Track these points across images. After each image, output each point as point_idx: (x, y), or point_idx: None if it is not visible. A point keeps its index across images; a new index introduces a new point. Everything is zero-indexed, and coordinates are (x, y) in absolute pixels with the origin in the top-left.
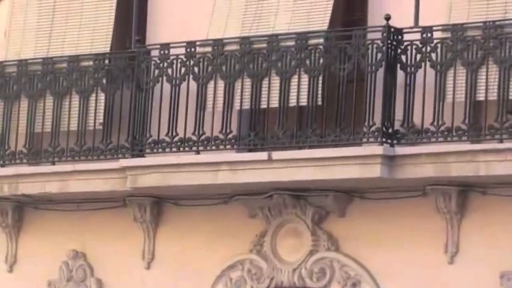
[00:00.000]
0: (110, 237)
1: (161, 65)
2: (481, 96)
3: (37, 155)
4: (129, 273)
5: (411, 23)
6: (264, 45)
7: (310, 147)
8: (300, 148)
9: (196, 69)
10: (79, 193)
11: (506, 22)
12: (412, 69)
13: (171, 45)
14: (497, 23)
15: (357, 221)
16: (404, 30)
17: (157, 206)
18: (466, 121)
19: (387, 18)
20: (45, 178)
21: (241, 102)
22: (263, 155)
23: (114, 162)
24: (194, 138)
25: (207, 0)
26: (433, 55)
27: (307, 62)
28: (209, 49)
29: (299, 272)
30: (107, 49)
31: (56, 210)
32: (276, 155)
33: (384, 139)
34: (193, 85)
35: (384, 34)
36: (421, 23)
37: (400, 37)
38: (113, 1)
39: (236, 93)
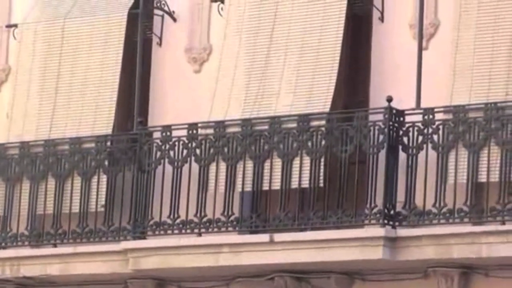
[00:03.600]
0: None
1: (163, 147)
2: (483, 178)
3: (38, 237)
4: None
5: (413, 105)
6: (266, 127)
7: (312, 229)
8: (302, 230)
9: (198, 151)
10: (81, 275)
11: (508, 103)
12: (414, 150)
13: (173, 127)
14: (499, 104)
15: None
16: (406, 112)
17: None
18: (468, 202)
19: (389, 99)
20: (46, 260)
21: (243, 184)
22: (265, 237)
23: (116, 244)
24: (196, 220)
25: (209, 82)
26: (435, 137)
27: (309, 144)
28: (211, 131)
29: None
30: (109, 131)
31: None
32: (278, 237)
33: (386, 221)
34: (195, 167)
35: (386, 116)
36: (422, 105)
37: (402, 118)
38: (115, 83)
39: (238, 175)
